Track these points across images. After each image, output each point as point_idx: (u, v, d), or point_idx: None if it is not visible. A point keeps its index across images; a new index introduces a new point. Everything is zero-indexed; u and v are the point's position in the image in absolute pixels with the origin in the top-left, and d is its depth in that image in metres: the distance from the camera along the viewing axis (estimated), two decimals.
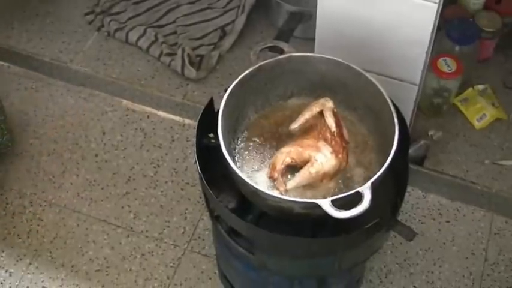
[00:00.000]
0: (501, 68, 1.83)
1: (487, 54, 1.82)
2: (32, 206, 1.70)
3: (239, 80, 1.14)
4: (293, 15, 1.85)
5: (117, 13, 2.05)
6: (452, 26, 1.68)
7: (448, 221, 1.63)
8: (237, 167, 1.07)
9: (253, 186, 1.03)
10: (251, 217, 1.14)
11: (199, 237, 1.63)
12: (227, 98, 1.12)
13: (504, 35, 1.81)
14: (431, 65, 1.61)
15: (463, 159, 1.68)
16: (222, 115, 1.10)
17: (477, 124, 1.73)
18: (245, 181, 1.04)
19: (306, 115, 1.14)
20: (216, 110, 1.15)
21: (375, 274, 1.55)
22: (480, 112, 1.73)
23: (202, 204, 1.68)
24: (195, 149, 1.16)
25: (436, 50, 1.59)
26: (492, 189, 1.63)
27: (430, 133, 1.66)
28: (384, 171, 1.03)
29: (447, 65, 1.63)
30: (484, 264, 1.56)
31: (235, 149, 1.18)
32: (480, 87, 1.77)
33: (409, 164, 1.17)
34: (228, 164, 1.05)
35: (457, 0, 1.80)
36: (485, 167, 1.66)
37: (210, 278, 1.56)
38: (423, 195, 1.67)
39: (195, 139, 1.17)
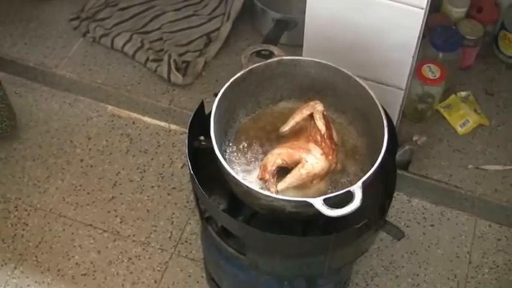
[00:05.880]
0: (483, 75, 1.87)
1: (469, 61, 1.85)
2: (16, 210, 1.69)
3: (231, 83, 1.15)
4: (279, 23, 1.87)
5: (103, 19, 2.05)
6: (436, 34, 1.71)
7: (432, 225, 1.65)
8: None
9: (246, 186, 1.04)
10: (242, 218, 1.15)
11: (186, 242, 1.63)
12: (219, 100, 1.13)
13: (485, 43, 1.85)
14: (416, 71, 1.64)
15: (447, 164, 1.70)
16: (214, 117, 1.11)
17: (460, 130, 1.75)
18: (238, 181, 1.05)
19: (297, 118, 1.15)
20: (206, 114, 1.16)
21: (361, 277, 1.57)
22: (463, 118, 1.76)
23: (189, 208, 1.68)
24: (187, 150, 1.17)
25: (421, 56, 1.62)
26: (475, 193, 1.65)
27: (415, 138, 1.67)
28: (374, 171, 1.05)
29: (431, 71, 1.65)
30: (468, 267, 1.58)
31: (225, 151, 1.19)
32: (463, 93, 1.81)
33: (396, 166, 1.19)
34: (221, 163, 1.06)
35: (440, 9, 1.83)
36: (469, 172, 1.69)
37: (198, 282, 1.57)
38: (408, 200, 1.69)
39: (186, 140, 1.18)
